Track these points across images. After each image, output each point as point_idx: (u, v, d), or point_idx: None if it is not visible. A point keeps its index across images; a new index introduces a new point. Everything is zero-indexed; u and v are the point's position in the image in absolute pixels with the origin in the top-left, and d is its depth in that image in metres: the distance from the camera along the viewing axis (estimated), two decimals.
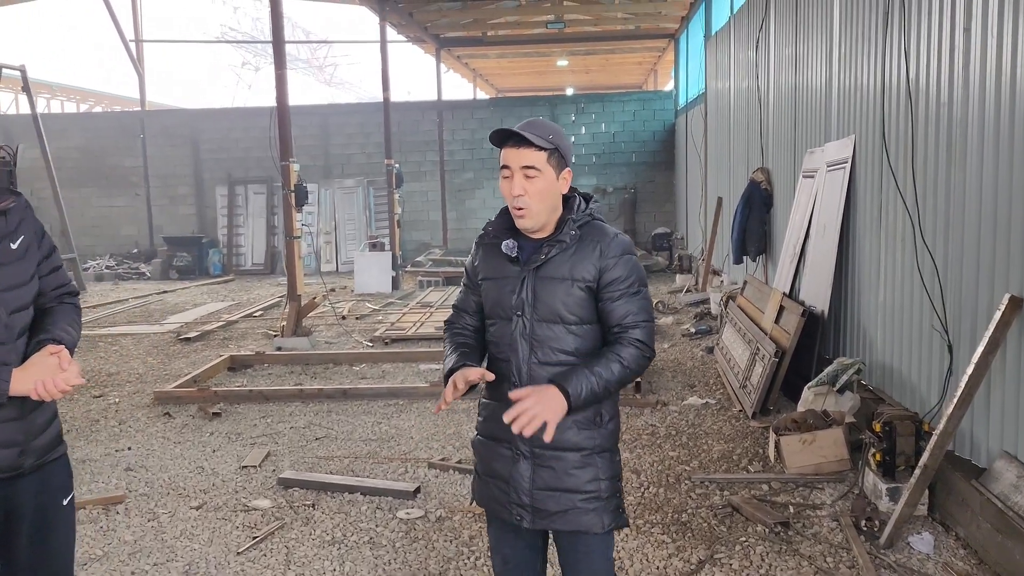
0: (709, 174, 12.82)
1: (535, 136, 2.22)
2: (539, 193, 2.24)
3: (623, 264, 2.27)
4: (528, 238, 2.34)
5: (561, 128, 2.33)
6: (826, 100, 6.40)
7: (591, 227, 2.31)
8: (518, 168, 2.23)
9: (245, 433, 5.92)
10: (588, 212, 2.33)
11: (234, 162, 18.24)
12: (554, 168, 2.26)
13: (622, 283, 2.27)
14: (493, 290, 2.36)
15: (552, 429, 2.12)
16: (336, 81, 45.25)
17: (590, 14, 16.08)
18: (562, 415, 2.15)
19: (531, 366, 2.28)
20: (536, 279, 2.28)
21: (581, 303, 2.27)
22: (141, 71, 18.90)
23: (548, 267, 2.28)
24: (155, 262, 16.98)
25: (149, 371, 8.07)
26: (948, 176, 4.23)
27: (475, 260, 2.45)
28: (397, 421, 6.12)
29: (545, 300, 2.27)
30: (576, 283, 2.26)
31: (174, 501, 4.63)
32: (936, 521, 3.99)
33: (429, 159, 18.37)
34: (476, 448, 2.47)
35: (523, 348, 2.29)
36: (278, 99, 8.98)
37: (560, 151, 2.26)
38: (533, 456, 2.30)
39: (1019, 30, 3.51)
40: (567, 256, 2.27)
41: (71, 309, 2.37)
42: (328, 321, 10.56)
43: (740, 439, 5.42)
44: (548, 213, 2.29)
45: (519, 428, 2.09)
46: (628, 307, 2.27)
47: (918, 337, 4.62)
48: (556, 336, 2.27)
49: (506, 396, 2.26)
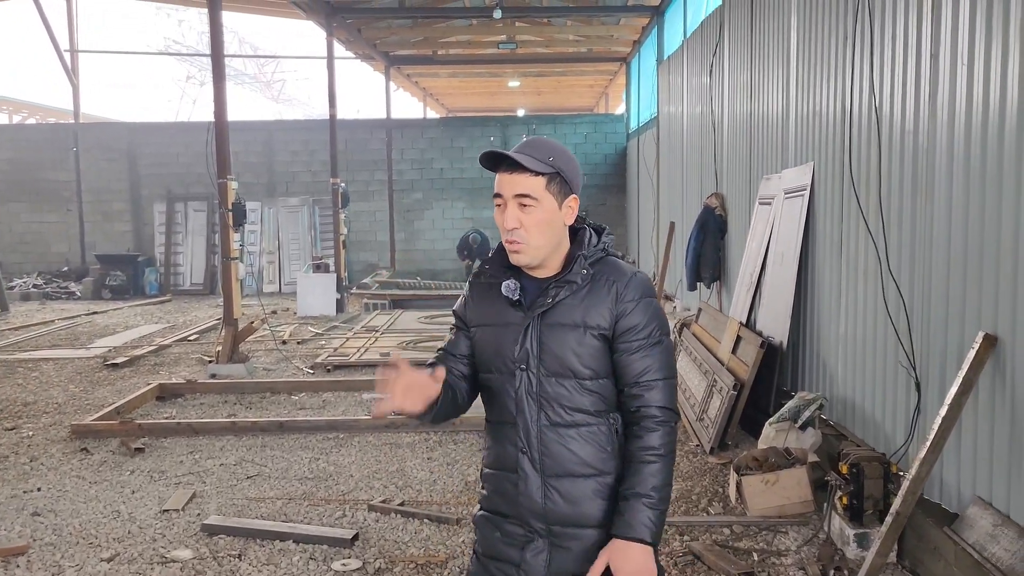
0: (661, 198, 12.73)
1: (531, 159, 1.89)
2: (537, 225, 1.91)
3: (642, 309, 1.94)
4: (532, 277, 2.00)
5: (565, 148, 1.98)
6: (783, 126, 6.28)
7: (605, 264, 1.98)
8: (511, 197, 1.90)
9: (170, 471, 5.47)
10: (601, 247, 2.00)
11: (174, 178, 17.60)
12: (555, 196, 1.92)
13: (640, 332, 1.92)
14: (491, 339, 2.01)
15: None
16: (284, 97, 44.65)
17: (542, 36, 15.98)
18: (654, 566, 1.87)
19: (541, 429, 1.94)
20: (542, 326, 1.94)
21: (596, 354, 1.93)
22: (76, 82, 18.17)
23: (556, 312, 1.94)
24: (87, 281, 16.23)
25: (70, 400, 7.53)
26: (914, 206, 4.08)
27: (467, 304, 2.10)
28: (336, 457, 5.74)
29: (554, 351, 1.93)
30: (589, 330, 1.92)
31: (83, 552, 4.18)
32: (905, 569, 3.79)
33: (377, 178, 17.99)
34: (478, 525, 2.09)
35: (531, 408, 1.95)
36: (216, 114, 8.57)
37: (563, 176, 1.93)
38: (550, 535, 1.96)
39: (992, 56, 3.37)
40: (578, 299, 1.93)
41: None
42: (268, 346, 10.10)
43: (698, 476, 5.18)
44: (550, 248, 1.95)
45: None
46: (647, 362, 1.92)
47: (883, 373, 4.44)
48: (568, 393, 1.93)
49: (512, 464, 1.97)
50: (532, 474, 1.95)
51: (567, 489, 1.93)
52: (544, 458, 1.94)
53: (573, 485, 1.93)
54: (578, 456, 1.93)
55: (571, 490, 1.93)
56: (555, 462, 1.93)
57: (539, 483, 1.94)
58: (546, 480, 1.94)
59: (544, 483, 1.94)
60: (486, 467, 2.08)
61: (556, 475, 1.93)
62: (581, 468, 1.93)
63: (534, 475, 1.95)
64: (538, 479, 1.94)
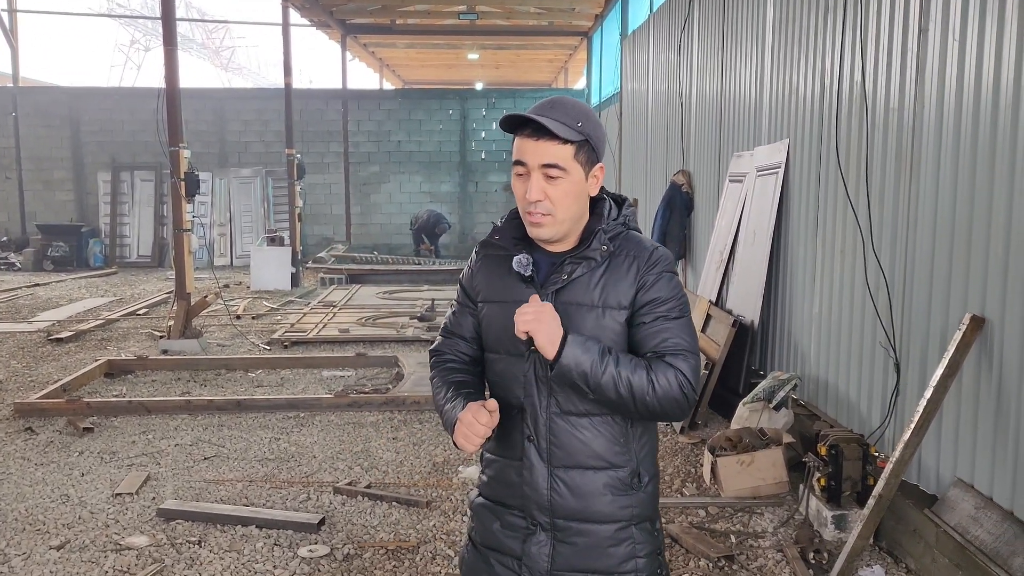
0: (624, 175, 12.63)
1: (560, 125, 1.69)
2: (564, 198, 1.73)
3: (664, 284, 1.77)
4: (545, 251, 1.83)
5: (591, 110, 1.78)
6: (756, 103, 6.19)
7: (625, 239, 1.81)
8: (537, 166, 1.71)
9: (121, 452, 5.22)
10: (622, 220, 1.83)
11: (119, 146, 16.96)
12: (583, 165, 1.74)
13: (660, 305, 1.76)
14: (499, 317, 1.83)
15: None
16: (233, 66, 43.42)
17: (503, 7, 15.67)
18: (555, 341, 1.66)
19: (550, 416, 1.78)
20: (556, 305, 1.75)
21: (614, 336, 1.76)
22: (15, 44, 17.32)
23: (572, 290, 1.77)
24: (27, 252, 15.58)
25: (12, 377, 7.16)
26: (898, 184, 4.02)
27: (474, 274, 1.92)
28: (298, 436, 5.54)
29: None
30: (609, 310, 1.76)
31: (30, 539, 3.94)
32: (883, 551, 3.77)
33: (333, 150, 17.58)
34: (476, 513, 1.93)
35: (540, 394, 1.79)
36: (167, 79, 8.18)
37: (591, 142, 1.75)
38: (554, 528, 1.80)
39: (986, 30, 3.29)
40: (596, 276, 1.77)
41: None
42: (221, 321, 9.78)
43: (670, 456, 5.12)
44: (573, 222, 1.79)
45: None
46: (665, 334, 1.74)
47: (859, 353, 4.40)
48: None
49: (517, 452, 1.81)
50: (538, 464, 1.80)
51: (575, 482, 1.78)
52: (552, 448, 1.79)
53: (582, 478, 1.78)
54: (589, 447, 1.78)
55: (580, 483, 1.78)
56: (564, 452, 1.78)
57: (545, 474, 1.80)
58: (553, 471, 1.79)
59: (551, 474, 1.79)
60: (487, 452, 1.92)
61: (564, 466, 1.79)
62: (592, 460, 1.78)
63: (540, 465, 1.80)
64: (544, 470, 1.80)
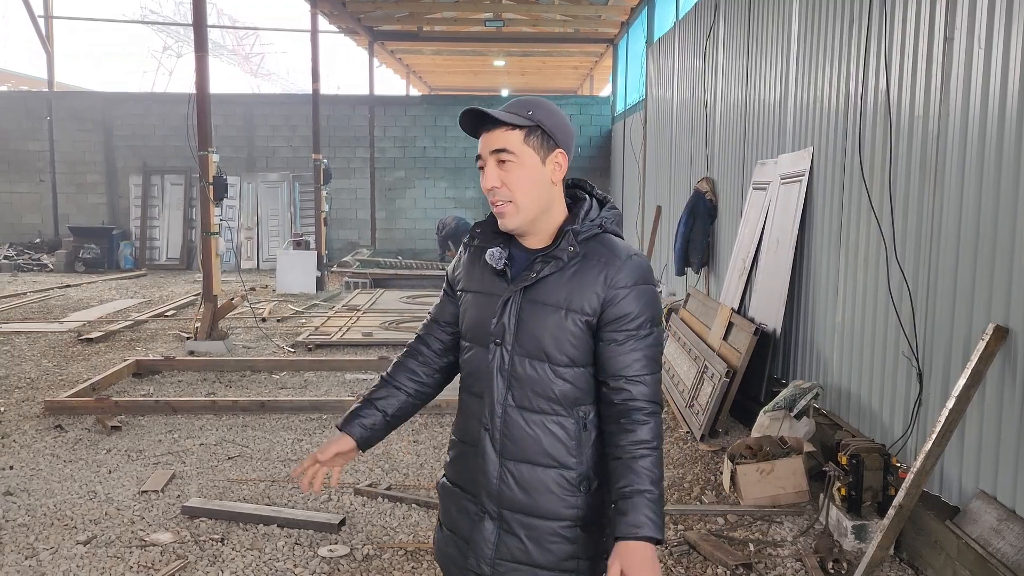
0: (648, 182, 12.62)
1: (507, 114, 1.77)
2: (519, 183, 1.77)
3: (635, 297, 1.77)
4: (523, 247, 1.86)
5: (551, 104, 1.83)
6: (781, 110, 6.18)
7: (599, 243, 1.81)
8: (488, 154, 1.78)
9: (148, 450, 5.31)
10: (598, 222, 1.83)
11: (150, 150, 17.22)
12: (536, 150, 1.78)
13: (630, 322, 1.76)
14: (472, 307, 1.90)
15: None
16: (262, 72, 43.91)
17: (529, 14, 15.73)
18: (659, 567, 1.71)
19: (507, 409, 1.83)
20: (523, 302, 1.81)
21: (576, 341, 1.78)
22: (50, 49, 17.66)
23: (539, 289, 1.80)
24: (59, 253, 15.84)
25: (43, 375, 7.31)
26: (922, 193, 4.00)
27: (457, 265, 1.99)
28: (320, 438, 5.60)
29: (531, 330, 1.80)
30: (572, 314, 1.77)
31: (58, 534, 4.02)
32: (904, 562, 3.74)
33: (359, 155, 17.72)
34: (441, 493, 2.02)
35: (499, 385, 1.83)
36: (198, 84, 8.31)
37: (544, 128, 1.78)
38: (501, 518, 1.84)
39: (1012, 39, 3.27)
40: (564, 277, 1.78)
41: None
42: (247, 323, 9.89)
43: (690, 464, 5.11)
44: (537, 209, 1.80)
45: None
46: (635, 355, 1.76)
47: (882, 362, 4.38)
48: (540, 377, 1.80)
49: (476, 440, 1.86)
50: (491, 454, 1.84)
51: (524, 476, 1.82)
52: (505, 439, 1.83)
53: (531, 473, 1.82)
54: (540, 444, 1.81)
55: (528, 477, 1.82)
56: (515, 446, 1.82)
57: (497, 464, 1.84)
58: (504, 462, 1.83)
59: (502, 465, 1.83)
60: (452, 435, 2.01)
61: (514, 459, 1.83)
62: (541, 457, 1.81)
63: (493, 455, 1.84)
64: (496, 460, 1.84)
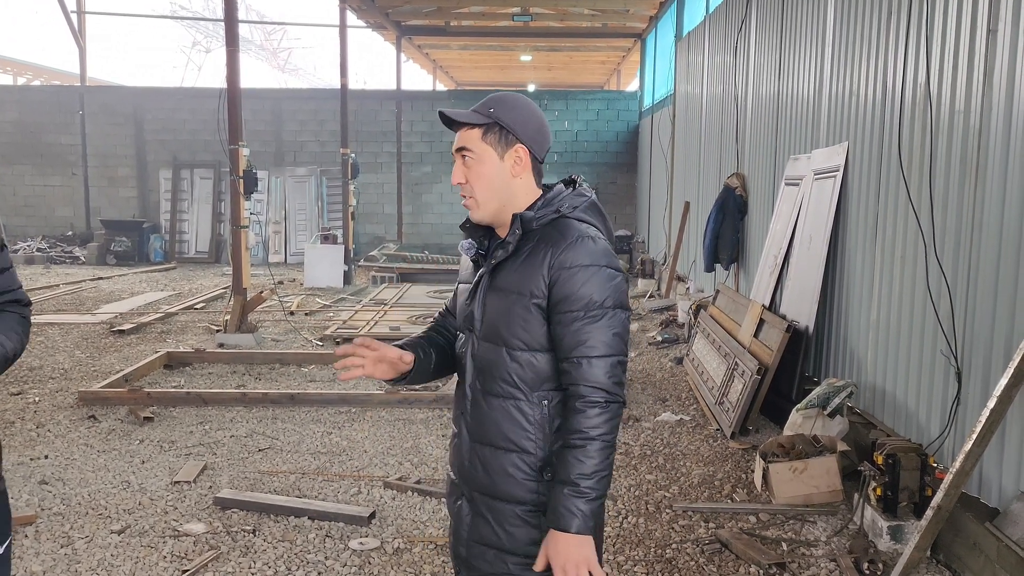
0: (676, 177, 12.53)
1: (468, 113, 1.86)
2: (478, 179, 1.85)
3: (581, 278, 1.76)
4: (498, 237, 1.96)
5: (519, 99, 1.89)
6: (815, 105, 6.09)
7: (554, 227, 1.83)
8: (455, 152, 1.90)
9: (179, 441, 5.36)
10: (554, 208, 1.85)
11: (180, 144, 17.39)
12: (494, 146, 1.84)
13: (575, 302, 1.76)
14: (461, 296, 2.03)
15: (599, 572, 1.77)
16: (290, 67, 44.16)
17: (556, 9, 15.66)
18: (591, 554, 1.76)
19: (475, 393, 1.92)
20: (488, 289, 1.89)
21: (526, 324, 1.81)
22: (82, 44, 17.89)
23: (499, 276, 1.87)
24: (91, 246, 16.08)
25: (76, 366, 7.41)
26: (962, 188, 3.92)
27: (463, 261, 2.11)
28: (349, 431, 5.63)
29: (490, 316, 1.87)
30: (519, 297, 1.81)
31: (93, 523, 4.08)
32: (941, 564, 3.67)
33: (386, 150, 17.78)
34: (447, 476, 2.12)
35: (470, 371, 1.93)
36: (228, 79, 8.37)
37: (502, 124, 1.83)
38: (471, 501, 1.94)
39: None
40: (517, 263, 1.84)
41: (13, 319, 1.96)
42: (275, 316, 9.97)
43: (720, 462, 5.06)
44: (498, 203, 1.87)
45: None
46: (580, 337, 1.76)
47: (919, 360, 4.30)
48: (498, 361, 1.86)
49: (457, 425, 1.99)
50: (465, 436, 1.94)
51: (487, 458, 1.89)
52: (474, 423, 1.92)
53: (493, 456, 1.88)
54: (499, 427, 1.87)
55: (490, 460, 1.88)
56: (481, 430, 1.90)
57: (468, 447, 1.93)
58: (473, 445, 1.92)
59: (471, 448, 1.92)
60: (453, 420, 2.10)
61: (480, 442, 1.91)
62: (501, 441, 1.87)
63: (465, 437, 1.94)
64: (467, 443, 1.93)
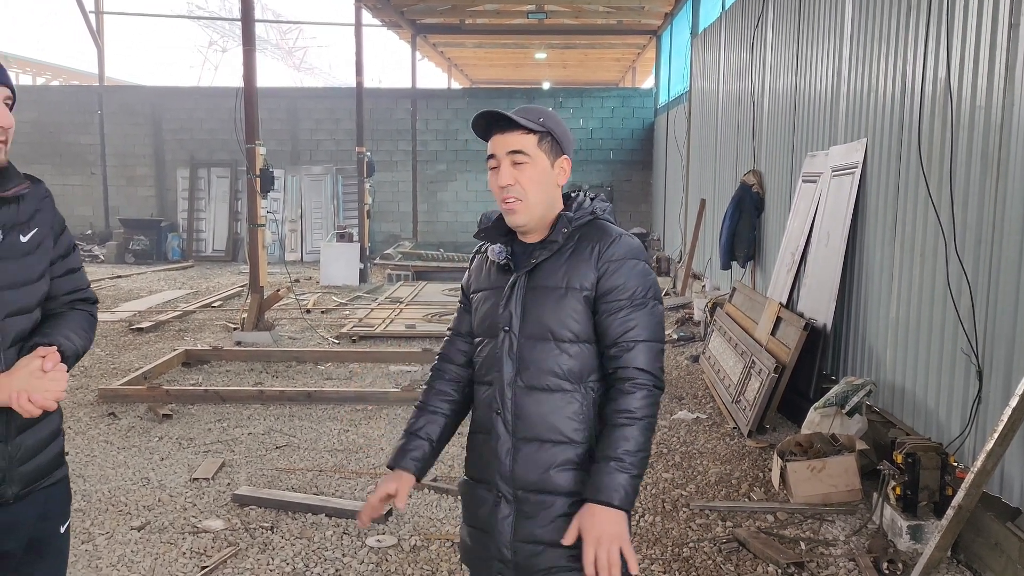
0: (691, 175, 12.48)
1: (522, 118, 1.90)
2: (531, 182, 1.90)
3: (626, 270, 1.88)
4: (523, 243, 1.99)
5: (555, 113, 1.98)
6: (833, 101, 6.05)
7: (592, 227, 1.95)
8: (505, 154, 1.90)
9: (198, 439, 5.40)
10: (590, 210, 1.97)
11: (197, 144, 17.51)
12: (547, 154, 1.92)
13: (622, 292, 1.87)
14: (483, 303, 2.02)
15: (630, 554, 1.78)
16: (305, 66, 44.34)
17: (571, 6, 15.64)
18: (626, 531, 1.79)
19: (516, 390, 1.91)
20: (527, 288, 1.93)
21: (577, 317, 1.89)
22: (101, 44, 18.03)
23: (539, 274, 1.92)
24: (110, 245, 16.23)
25: (96, 364, 7.48)
26: (983, 185, 3.88)
27: (470, 273, 2.11)
28: (366, 429, 5.65)
29: (534, 313, 1.91)
30: (572, 292, 1.89)
31: (113, 519, 4.11)
32: (961, 564, 3.64)
33: (401, 148, 17.81)
34: (461, 491, 2.09)
35: (508, 368, 1.93)
36: (245, 77, 8.42)
37: (554, 136, 1.93)
38: (516, 500, 1.92)
39: None
40: (561, 260, 1.91)
41: (83, 317, 2.01)
42: (291, 314, 10.01)
43: (737, 460, 5.04)
44: (545, 207, 1.94)
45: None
46: (628, 323, 1.86)
47: (939, 359, 4.27)
48: (546, 355, 1.90)
49: (489, 426, 1.95)
50: (504, 435, 1.92)
51: (535, 454, 1.90)
52: (516, 420, 1.91)
53: (541, 451, 1.89)
54: (549, 422, 1.89)
55: (539, 456, 1.89)
56: (526, 425, 1.90)
57: (509, 445, 1.92)
58: (516, 443, 1.91)
59: (514, 446, 1.91)
60: (469, 432, 2.06)
61: (526, 439, 1.91)
62: (551, 434, 1.89)
63: (505, 436, 1.92)
64: (508, 441, 1.92)
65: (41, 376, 1.77)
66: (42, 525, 1.94)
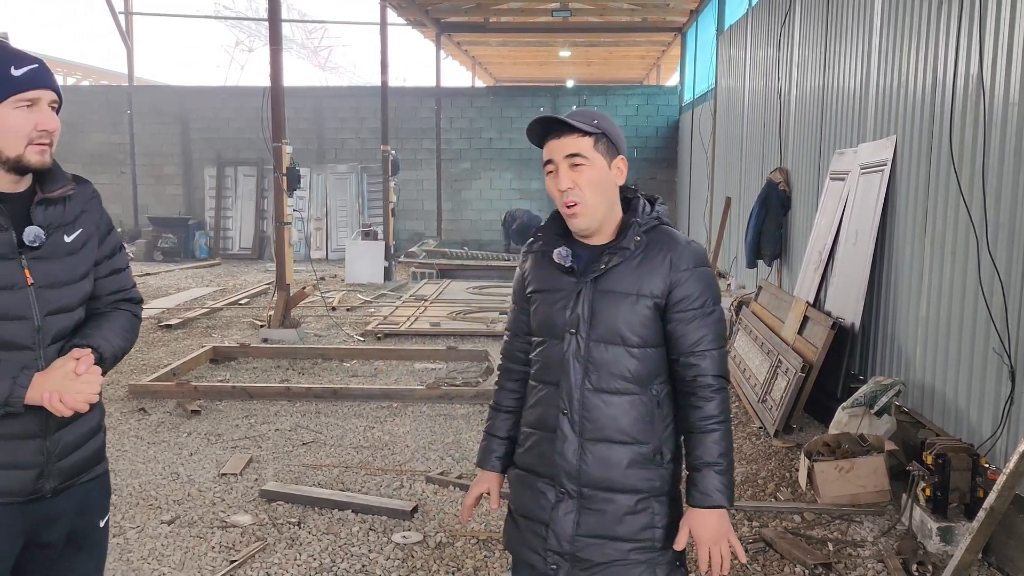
0: (717, 173, 12.41)
1: (577, 121, 1.93)
2: (590, 184, 1.93)
3: (697, 279, 1.96)
4: (584, 245, 2.02)
5: (607, 114, 2.02)
6: (862, 98, 5.98)
7: (659, 233, 1.99)
8: (562, 158, 1.93)
9: (226, 434, 5.46)
10: (655, 215, 2.01)
11: (224, 143, 17.67)
12: (604, 155, 1.95)
13: (695, 301, 1.95)
14: (543, 305, 2.04)
15: (738, 545, 1.94)
16: (330, 65, 44.61)
17: (596, 4, 15.59)
18: (730, 527, 1.95)
19: (584, 392, 1.96)
20: (595, 292, 1.96)
21: (646, 322, 1.95)
22: (130, 44, 18.25)
23: (609, 279, 1.96)
24: (139, 243, 16.42)
25: (126, 360, 7.55)
26: (1016, 182, 3.82)
27: (525, 273, 2.12)
28: (391, 426, 5.68)
29: (604, 317, 1.95)
30: (642, 298, 1.94)
31: (144, 513, 4.17)
32: (993, 567, 3.60)
33: (425, 147, 17.87)
34: (512, 483, 2.14)
35: (576, 371, 1.97)
36: (272, 77, 8.49)
37: (609, 136, 1.96)
38: (580, 497, 1.98)
39: None
40: (632, 267, 1.96)
41: (125, 317, 2.03)
42: (317, 312, 10.09)
43: (763, 460, 5.01)
44: (605, 209, 1.97)
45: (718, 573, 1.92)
46: (702, 331, 1.95)
47: (970, 358, 4.21)
48: (615, 359, 1.95)
49: (552, 425, 1.99)
50: (571, 435, 1.97)
51: (603, 453, 1.95)
52: (584, 421, 1.96)
53: (609, 450, 1.95)
54: (617, 423, 1.95)
55: (607, 455, 1.95)
56: (594, 426, 1.96)
57: (576, 445, 1.97)
58: (583, 443, 1.96)
59: (581, 445, 1.97)
60: (525, 426, 2.10)
61: (593, 439, 1.96)
62: (619, 435, 1.95)
63: (572, 436, 1.97)
64: (576, 441, 1.97)
65: (74, 378, 1.80)
66: (81, 519, 1.98)
